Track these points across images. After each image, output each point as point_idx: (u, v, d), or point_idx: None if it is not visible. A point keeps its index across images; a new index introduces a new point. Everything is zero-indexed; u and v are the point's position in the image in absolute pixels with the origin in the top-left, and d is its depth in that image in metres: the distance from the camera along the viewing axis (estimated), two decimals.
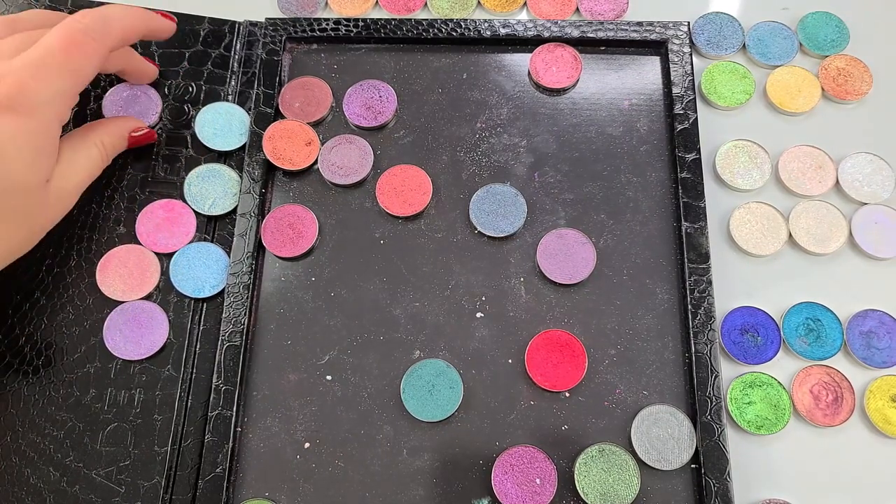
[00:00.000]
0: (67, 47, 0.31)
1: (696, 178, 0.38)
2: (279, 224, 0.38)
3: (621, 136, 0.40)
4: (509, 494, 0.33)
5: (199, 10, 0.43)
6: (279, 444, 0.34)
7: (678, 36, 0.41)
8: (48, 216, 0.33)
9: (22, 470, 0.34)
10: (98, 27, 0.32)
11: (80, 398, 0.35)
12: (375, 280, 0.37)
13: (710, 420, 0.33)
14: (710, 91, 0.41)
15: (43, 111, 0.30)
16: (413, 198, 0.38)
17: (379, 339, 0.36)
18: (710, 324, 0.35)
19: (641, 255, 0.37)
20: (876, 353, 0.35)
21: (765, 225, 0.38)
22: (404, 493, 0.33)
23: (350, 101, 0.41)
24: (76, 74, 0.31)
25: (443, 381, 0.35)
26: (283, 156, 0.39)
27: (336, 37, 0.42)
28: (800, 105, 0.41)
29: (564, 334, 0.35)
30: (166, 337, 0.36)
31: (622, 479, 0.33)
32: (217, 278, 0.37)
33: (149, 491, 0.33)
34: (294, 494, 0.33)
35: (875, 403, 0.34)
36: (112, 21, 0.33)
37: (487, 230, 0.38)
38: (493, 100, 0.41)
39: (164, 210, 0.38)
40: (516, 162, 0.39)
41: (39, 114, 0.30)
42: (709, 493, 0.32)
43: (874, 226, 0.38)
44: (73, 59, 0.31)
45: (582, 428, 0.34)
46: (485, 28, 0.41)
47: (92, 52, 0.32)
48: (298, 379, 0.35)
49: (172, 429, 0.34)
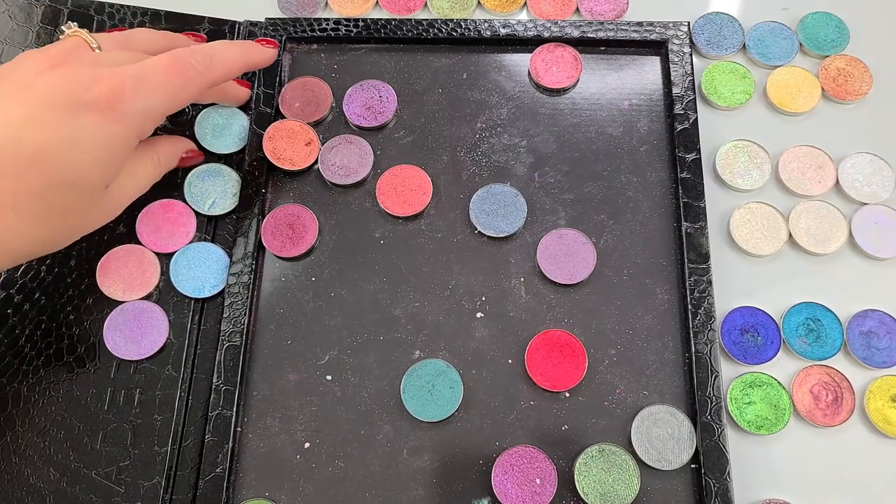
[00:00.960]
0: (171, 71, 0.32)
1: (696, 178, 0.38)
2: (279, 224, 0.38)
3: (621, 136, 0.40)
4: (509, 494, 0.33)
5: (199, 10, 0.43)
6: (279, 444, 0.34)
7: (678, 36, 0.41)
8: (94, 220, 0.33)
9: (22, 470, 0.34)
10: (205, 62, 0.33)
11: (80, 398, 0.35)
12: (375, 280, 0.37)
13: (710, 420, 0.33)
14: (710, 91, 0.41)
15: (130, 121, 0.31)
16: (413, 198, 0.38)
17: (379, 339, 0.36)
18: (710, 324, 0.35)
19: (641, 255, 0.37)
20: (876, 353, 0.35)
21: (765, 225, 0.38)
22: (404, 493, 0.33)
23: (350, 101, 0.41)
24: (171, 98, 0.32)
25: (443, 381, 0.35)
26: (283, 156, 0.39)
27: (336, 37, 0.42)
28: (800, 105, 0.41)
29: (564, 334, 0.35)
30: (166, 337, 0.36)
31: (622, 479, 0.33)
32: (217, 278, 0.37)
33: (149, 491, 0.33)
34: (294, 494, 0.33)
35: (875, 403, 0.34)
36: (218, 59, 0.34)
37: (487, 230, 0.38)
38: (493, 100, 0.41)
39: (164, 210, 0.38)
40: (516, 162, 0.39)
41: (126, 123, 0.31)
42: (709, 493, 0.32)
43: (874, 226, 0.38)
44: (172, 83, 0.32)
45: (582, 428, 0.34)
46: (485, 28, 0.41)
47: (192, 82, 0.33)
48: (298, 379, 0.35)
49: (172, 429, 0.34)
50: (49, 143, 0.29)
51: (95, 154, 0.30)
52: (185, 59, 0.33)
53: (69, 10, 0.43)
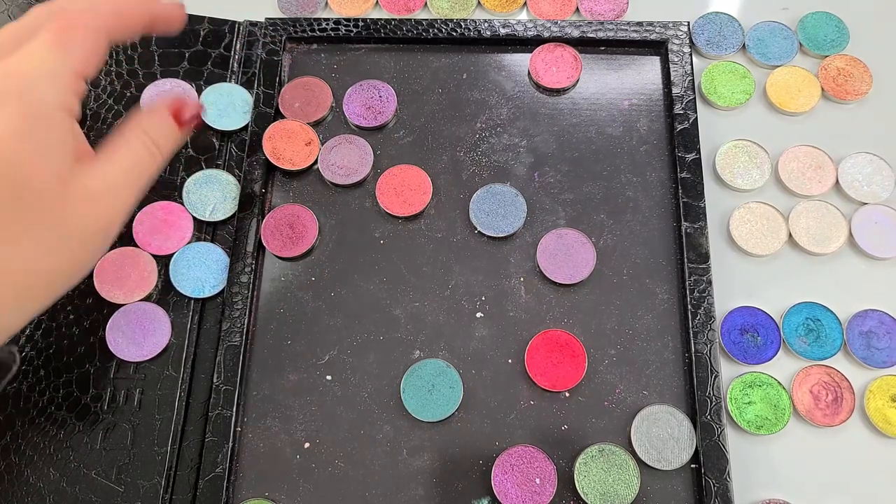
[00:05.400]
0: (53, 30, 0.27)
1: (696, 178, 0.38)
2: (279, 224, 0.38)
3: (621, 136, 0.40)
4: (509, 494, 0.33)
5: (199, 10, 0.43)
6: (279, 444, 0.34)
7: (678, 36, 0.41)
8: (82, 222, 0.27)
9: (22, 470, 0.34)
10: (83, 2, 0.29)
11: (80, 398, 0.35)
12: (375, 280, 0.37)
13: (710, 420, 0.33)
14: (709, 91, 0.41)
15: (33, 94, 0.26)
16: (413, 198, 0.38)
17: (379, 339, 0.36)
18: (710, 324, 0.35)
19: (641, 255, 0.37)
20: (876, 353, 0.35)
21: (765, 225, 0.38)
22: (404, 493, 0.33)
23: (350, 101, 0.41)
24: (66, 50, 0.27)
25: (443, 381, 0.35)
26: (283, 156, 0.39)
27: (336, 37, 0.42)
28: (800, 105, 0.41)
29: (564, 334, 0.35)
30: (168, 338, 0.36)
31: (622, 479, 0.33)
32: (217, 278, 0.37)
33: (149, 491, 0.33)
34: (294, 494, 0.34)
35: (875, 403, 0.34)
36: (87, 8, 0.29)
37: (487, 230, 0.38)
38: (493, 100, 0.41)
39: (163, 212, 0.38)
40: (516, 162, 0.39)
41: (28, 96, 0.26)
42: (709, 493, 0.32)
43: (874, 226, 0.38)
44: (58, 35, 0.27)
45: (582, 428, 0.34)
46: (485, 28, 0.41)
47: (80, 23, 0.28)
48: (298, 379, 0.35)
49: (172, 429, 0.34)
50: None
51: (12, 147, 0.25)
52: (60, 6, 0.28)
53: None
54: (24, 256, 0.25)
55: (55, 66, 0.27)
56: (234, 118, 0.40)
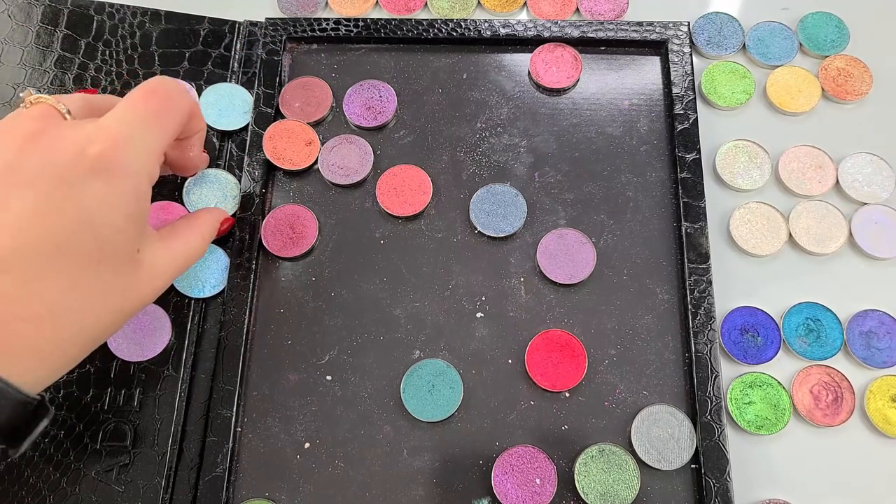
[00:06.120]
0: (148, 98, 0.29)
1: (696, 178, 0.38)
2: (279, 224, 0.38)
3: (621, 136, 0.40)
4: (509, 494, 0.33)
5: (199, 10, 0.43)
6: (279, 444, 0.34)
7: (678, 36, 0.41)
8: (140, 294, 0.29)
9: (22, 470, 0.34)
10: (171, 82, 0.31)
11: (80, 398, 0.35)
12: (375, 280, 0.37)
13: (710, 420, 0.33)
14: (710, 91, 0.41)
15: (135, 170, 0.28)
16: (413, 198, 0.38)
17: (379, 339, 0.36)
18: (710, 324, 0.35)
19: (641, 255, 0.37)
20: (876, 353, 0.35)
21: (765, 225, 0.38)
22: (404, 493, 0.33)
23: (350, 101, 0.41)
24: (161, 126, 0.29)
25: (443, 381, 0.35)
26: (283, 156, 0.39)
27: (336, 37, 0.42)
28: (800, 105, 0.41)
29: (564, 334, 0.35)
30: (168, 338, 0.36)
31: (622, 479, 0.33)
32: (217, 278, 0.37)
33: (149, 491, 0.33)
34: (294, 494, 0.33)
35: (875, 403, 0.34)
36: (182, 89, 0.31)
37: (487, 230, 0.38)
38: (493, 100, 0.41)
39: (163, 212, 0.38)
40: (516, 162, 0.39)
41: (133, 174, 0.28)
42: (709, 493, 0.32)
43: (874, 226, 0.38)
44: (156, 109, 0.29)
45: (582, 428, 0.34)
46: (485, 28, 0.41)
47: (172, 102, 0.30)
48: (298, 379, 0.35)
49: (172, 429, 0.34)
50: (65, 231, 0.26)
51: (114, 221, 0.27)
52: (155, 83, 0.30)
53: (69, 9, 0.43)
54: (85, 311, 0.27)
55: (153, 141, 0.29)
56: (234, 118, 0.40)
